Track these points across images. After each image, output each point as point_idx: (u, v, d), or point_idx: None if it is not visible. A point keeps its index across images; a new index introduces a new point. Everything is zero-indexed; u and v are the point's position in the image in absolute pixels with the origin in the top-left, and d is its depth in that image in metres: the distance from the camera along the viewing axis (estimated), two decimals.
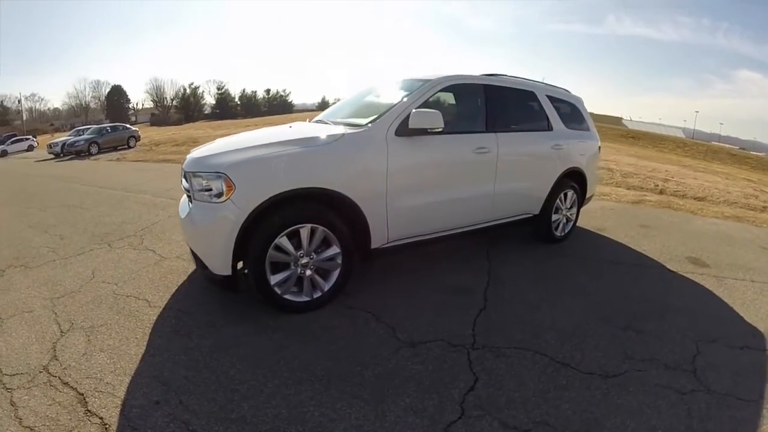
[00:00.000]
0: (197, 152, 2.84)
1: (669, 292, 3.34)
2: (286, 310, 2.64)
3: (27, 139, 29.79)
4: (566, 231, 4.46)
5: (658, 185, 7.85)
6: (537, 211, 4.11)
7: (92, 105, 65.11)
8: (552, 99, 4.23)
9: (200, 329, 2.54)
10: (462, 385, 2.12)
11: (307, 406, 1.91)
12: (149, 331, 2.54)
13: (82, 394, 1.96)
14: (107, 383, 2.03)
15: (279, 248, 2.48)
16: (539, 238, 4.33)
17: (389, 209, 2.83)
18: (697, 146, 30.29)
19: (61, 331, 2.55)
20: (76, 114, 63.62)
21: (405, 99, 3.07)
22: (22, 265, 3.79)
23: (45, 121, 58.32)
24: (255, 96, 72.78)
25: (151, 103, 66.26)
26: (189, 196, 2.69)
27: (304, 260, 2.58)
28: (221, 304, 2.85)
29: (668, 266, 3.90)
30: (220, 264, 2.43)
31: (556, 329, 2.71)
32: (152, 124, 52.09)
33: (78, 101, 64.06)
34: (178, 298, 2.99)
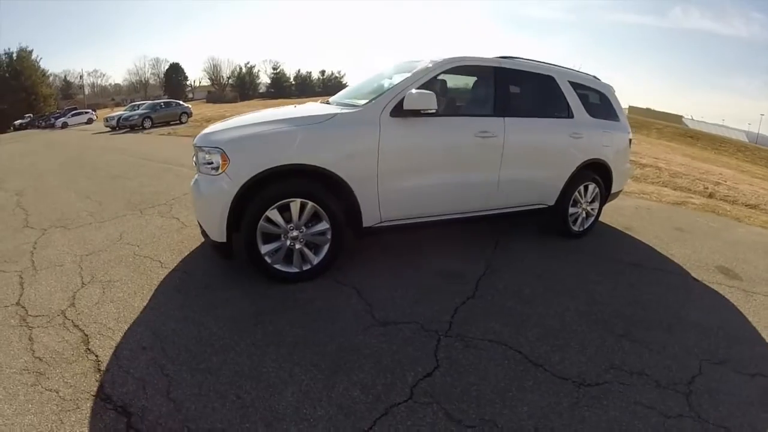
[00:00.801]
0: (209, 128, 2.94)
1: (686, 303, 3.01)
2: (276, 279, 2.71)
3: (86, 112, 30.78)
4: (586, 226, 4.12)
5: (707, 188, 7.08)
6: (552, 203, 3.82)
7: (151, 81, 66.25)
8: (575, 85, 3.83)
9: (197, 290, 2.70)
10: (420, 369, 2.05)
11: (267, 366, 2.00)
12: (155, 287, 2.75)
13: (87, 336, 2.22)
14: (109, 328, 2.28)
15: (270, 220, 2.57)
16: (556, 232, 4.04)
17: (381, 189, 2.81)
18: (759, 151, 27.08)
19: (83, 283, 2.83)
20: (135, 90, 64.88)
21: (404, 80, 2.98)
22: (63, 225, 4.14)
23: (106, 96, 61.08)
24: (310, 76, 72.98)
25: (208, 81, 67.47)
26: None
27: (294, 233, 2.66)
28: (221, 270, 2.98)
29: (693, 274, 3.51)
30: (217, 231, 2.57)
31: (542, 327, 2.52)
32: (208, 101, 53.25)
33: (138, 77, 66.16)
34: (188, 261, 3.18)
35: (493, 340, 2.35)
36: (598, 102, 4.07)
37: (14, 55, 42.53)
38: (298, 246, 2.69)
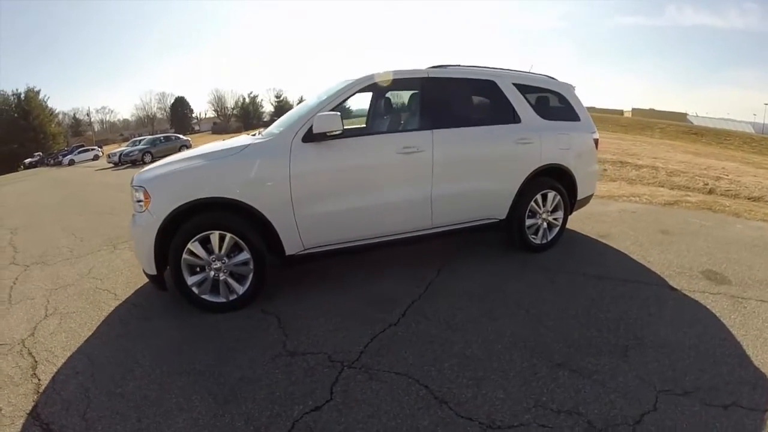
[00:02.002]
0: (144, 168, 3.08)
1: (655, 319, 2.52)
2: (206, 309, 2.71)
3: (92, 149, 31.75)
4: (550, 238, 3.69)
5: (707, 184, 6.47)
6: (504, 216, 3.44)
7: (158, 115, 67.21)
8: (523, 88, 3.51)
9: (137, 321, 2.79)
10: (310, 403, 1.89)
11: (172, 393, 2.02)
12: (103, 318, 2.88)
13: (36, 362, 2.39)
14: (55, 355, 2.44)
15: (192, 253, 2.59)
16: (516, 246, 3.62)
17: (298, 216, 2.72)
18: (766, 141, 25.12)
19: (46, 315, 3.00)
20: (143, 124, 65.32)
21: (318, 103, 2.91)
22: (43, 262, 4.36)
23: (115, 132, 62.54)
24: None
25: (213, 112, 69.43)
26: None
27: (217, 264, 2.65)
28: (165, 301, 2.99)
29: (672, 282, 3.00)
30: (147, 264, 2.65)
31: (462, 357, 2.13)
32: (213, 133, 54.65)
33: (145, 112, 68.00)
34: (139, 293, 3.28)
35: (400, 373, 2.02)
36: (555, 103, 3.74)
37: (22, 95, 43.65)
38: (222, 277, 2.67)
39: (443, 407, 1.77)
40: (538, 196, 3.50)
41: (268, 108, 70.75)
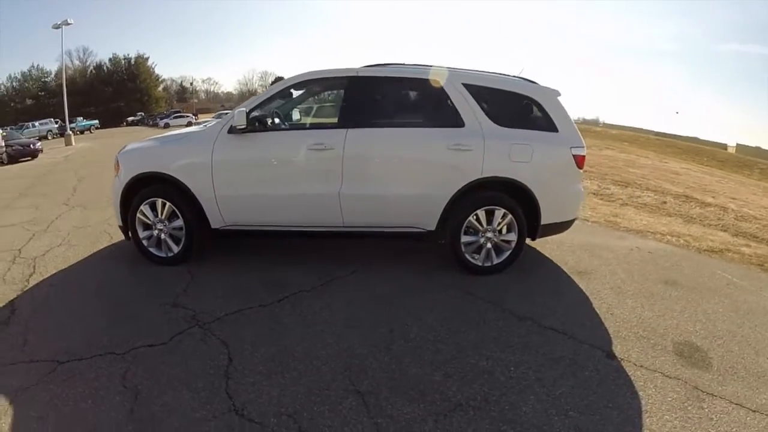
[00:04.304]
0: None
1: (536, 389, 1.96)
2: (151, 259, 3.26)
3: (187, 116, 32.85)
4: (497, 261, 3.12)
5: None
6: (432, 227, 3.04)
7: (259, 91, 72.88)
8: (477, 89, 3.03)
9: (108, 260, 3.58)
10: (151, 339, 2.30)
11: (91, 306, 2.74)
12: (92, 253, 3.77)
13: (34, 272, 3.35)
14: (48, 270, 3.36)
15: (143, 213, 3.15)
16: (456, 263, 3.13)
17: (219, 196, 3.06)
18: None
19: (60, 244, 3.98)
20: (244, 98, 71.43)
21: (250, 100, 3.21)
22: (84, 206, 5.55)
23: (217, 102, 65.85)
24: None
25: None
26: None
27: (160, 226, 3.18)
28: (133, 249, 3.38)
29: (617, 348, 2.28)
30: (117, 216, 3.29)
31: (283, 350, 2.20)
32: None
33: (246, 87, 71.77)
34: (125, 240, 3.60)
35: (225, 342, 2.28)
36: (525, 110, 3.14)
37: (132, 60, 46.81)
38: (163, 236, 3.20)
39: (225, 383, 1.94)
40: (480, 212, 2.99)
41: None
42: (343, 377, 1.97)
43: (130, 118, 39.59)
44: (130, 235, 3.25)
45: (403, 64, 3.30)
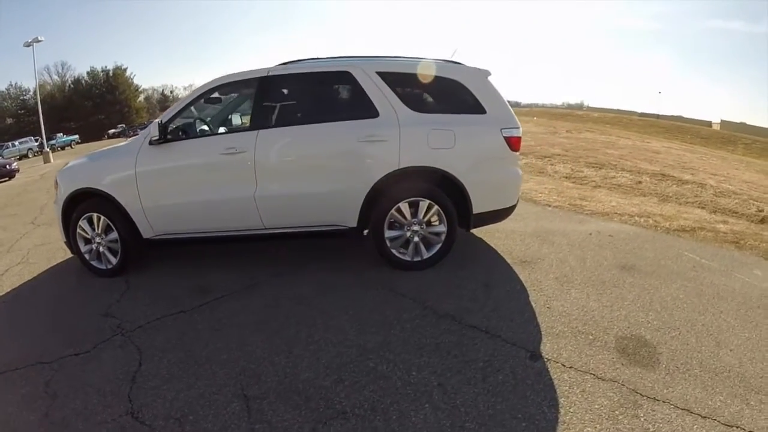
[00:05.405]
0: None
1: (427, 398, 1.60)
2: (95, 272, 3.24)
3: None
4: (427, 255, 2.81)
5: (761, 210, 4.56)
6: (354, 224, 2.79)
7: None
8: (392, 76, 2.81)
9: (60, 274, 3.55)
10: (71, 350, 2.26)
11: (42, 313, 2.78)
12: (46, 269, 3.68)
13: None
14: (2, 287, 3.32)
15: (82, 228, 3.16)
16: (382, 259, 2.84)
17: (145, 207, 3.04)
18: None
19: (19, 262, 3.92)
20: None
21: (167, 111, 3.14)
22: (49, 224, 5.21)
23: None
24: None
25: None
26: None
27: (98, 240, 3.17)
28: (79, 265, 3.39)
29: (546, 347, 1.95)
30: (61, 233, 3.32)
31: (182, 354, 2.01)
32: None
33: None
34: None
35: (141, 349, 2.24)
36: (447, 93, 2.86)
37: (110, 72, 45.16)
38: (101, 249, 3.19)
39: (130, 388, 1.93)
40: (403, 205, 2.70)
41: None
42: (235, 382, 1.90)
43: (112, 131, 38.54)
44: (72, 247, 3.29)
45: (318, 59, 3.15)
